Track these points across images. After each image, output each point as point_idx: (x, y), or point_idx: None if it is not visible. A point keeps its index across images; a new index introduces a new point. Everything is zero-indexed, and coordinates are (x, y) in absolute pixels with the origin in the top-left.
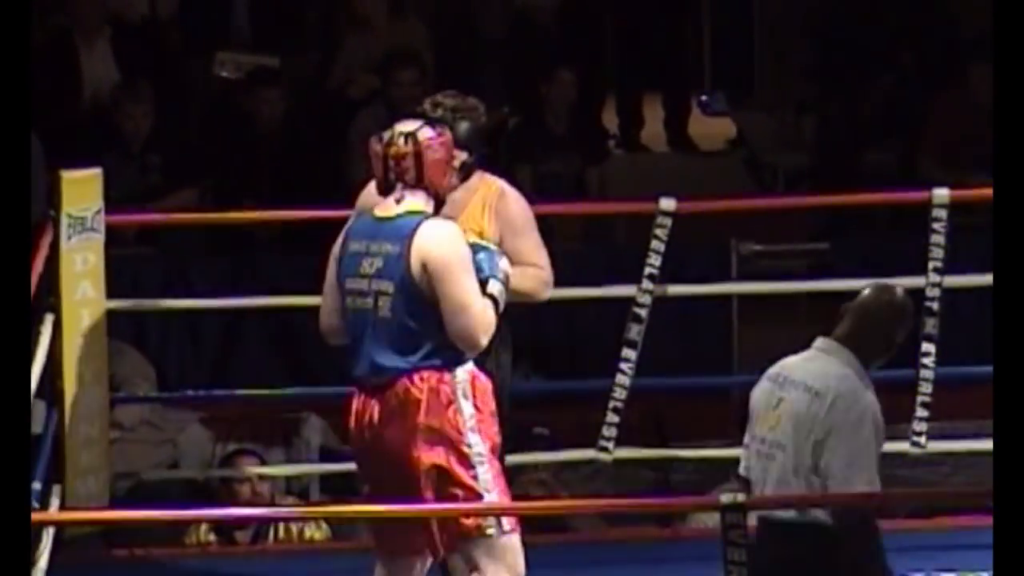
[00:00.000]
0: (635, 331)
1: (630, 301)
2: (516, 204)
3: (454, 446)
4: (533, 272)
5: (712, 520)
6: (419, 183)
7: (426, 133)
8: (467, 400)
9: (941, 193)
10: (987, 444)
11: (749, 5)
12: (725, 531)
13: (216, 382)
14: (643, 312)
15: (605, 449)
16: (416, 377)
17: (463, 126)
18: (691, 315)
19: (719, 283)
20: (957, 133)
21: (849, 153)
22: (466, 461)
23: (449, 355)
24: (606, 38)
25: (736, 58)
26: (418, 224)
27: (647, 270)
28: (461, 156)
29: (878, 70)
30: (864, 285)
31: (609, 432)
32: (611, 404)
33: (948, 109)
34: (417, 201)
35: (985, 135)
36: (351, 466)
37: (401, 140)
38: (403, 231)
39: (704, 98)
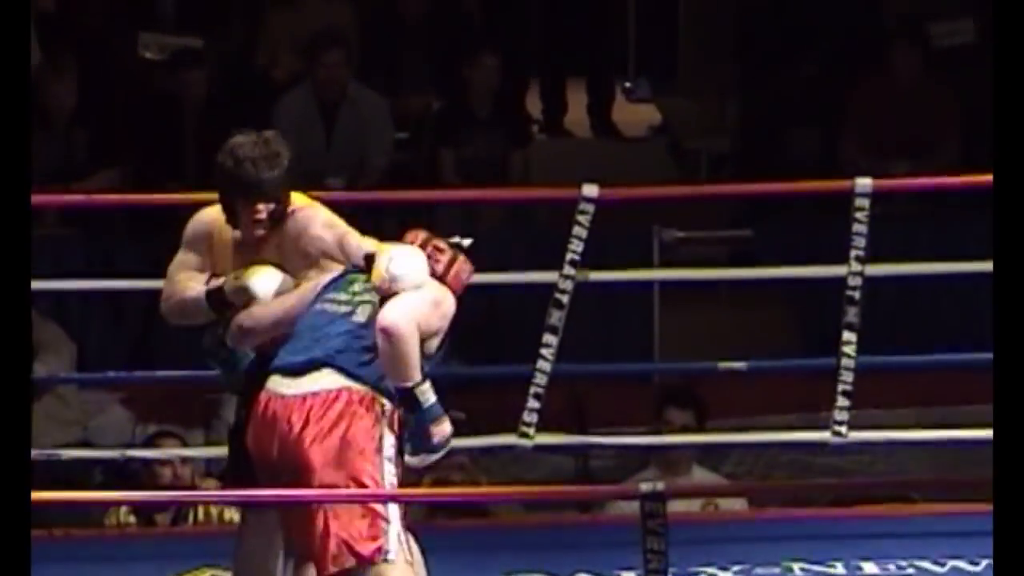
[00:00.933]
0: (556, 317)
1: (552, 286)
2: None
3: None
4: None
5: (631, 507)
6: None
7: None
8: None
9: (864, 182)
10: (908, 433)
11: None
12: (644, 520)
13: (137, 363)
14: (564, 298)
15: (525, 435)
16: None
17: (272, 176)
18: (613, 301)
19: (641, 269)
20: (879, 119)
21: (772, 139)
22: None
23: None
24: (530, 23)
25: (660, 44)
26: None
27: (569, 256)
28: (268, 208)
29: (801, 56)
30: (786, 272)
31: (529, 418)
32: (531, 390)
33: (870, 95)
34: None
35: (907, 121)
36: None
37: None
38: None
39: (628, 84)
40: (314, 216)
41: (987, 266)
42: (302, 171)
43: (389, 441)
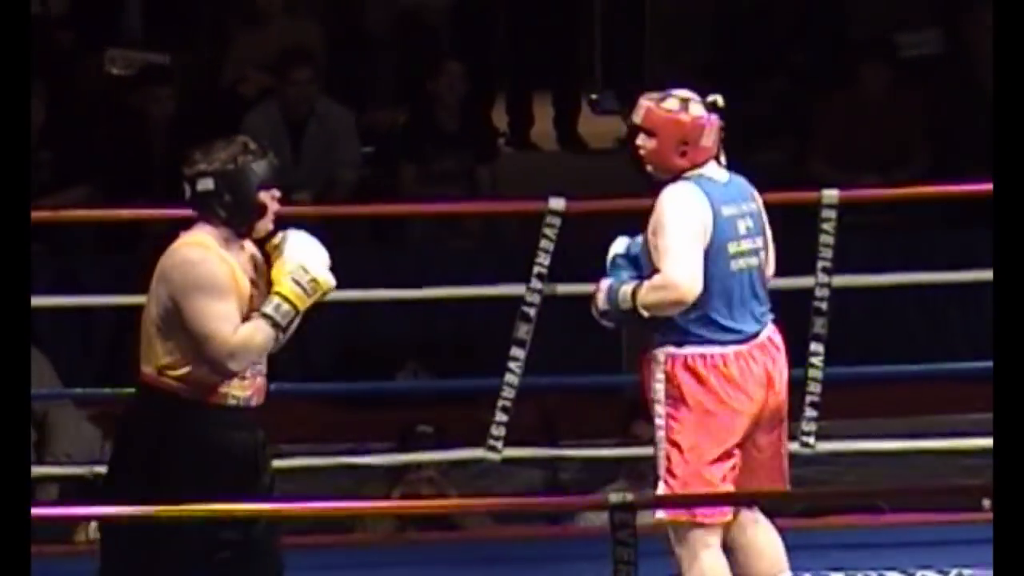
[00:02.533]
0: (524, 330)
1: (520, 300)
2: None
3: None
4: None
5: (600, 519)
6: None
7: None
8: None
9: (831, 193)
10: (876, 444)
11: (641, 3)
12: (614, 530)
13: (106, 380)
14: (532, 311)
15: (494, 448)
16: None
17: (261, 164)
18: (580, 314)
19: None
20: (847, 133)
21: (740, 152)
22: None
23: None
24: (496, 36)
25: (627, 56)
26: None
27: (536, 269)
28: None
29: (769, 70)
30: None
31: (498, 431)
32: (500, 403)
33: (839, 109)
34: None
35: (875, 135)
36: None
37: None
38: (746, 190)
39: (594, 96)
40: None
41: (957, 276)
42: None
43: None
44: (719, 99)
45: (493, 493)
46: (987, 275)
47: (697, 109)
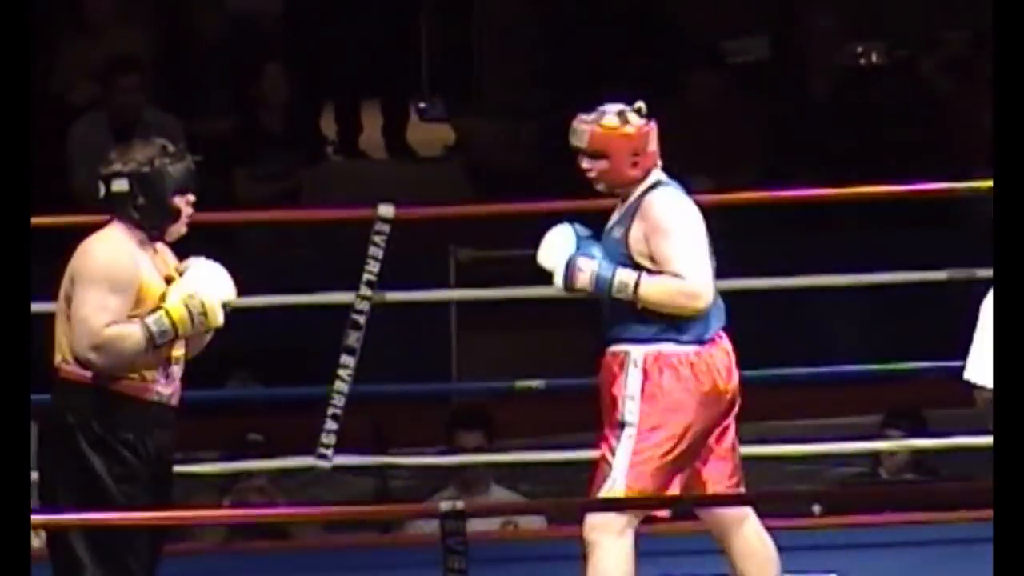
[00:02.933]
0: (354, 338)
1: (350, 308)
2: None
3: None
4: None
5: (431, 526)
6: None
7: None
8: None
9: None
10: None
11: (469, 10)
12: (444, 538)
13: None
14: (362, 319)
15: (324, 456)
16: None
17: (178, 168)
18: (410, 322)
19: (438, 289)
20: (680, 139)
21: (569, 159)
22: None
23: None
24: (325, 44)
25: (455, 64)
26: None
27: (366, 276)
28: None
29: (600, 76)
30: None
31: (328, 439)
32: (330, 411)
33: (670, 115)
34: None
35: (706, 141)
36: None
37: None
38: None
39: (422, 104)
40: None
41: (793, 282)
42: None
43: None
44: (643, 106)
45: (323, 501)
46: (817, 280)
47: (635, 118)
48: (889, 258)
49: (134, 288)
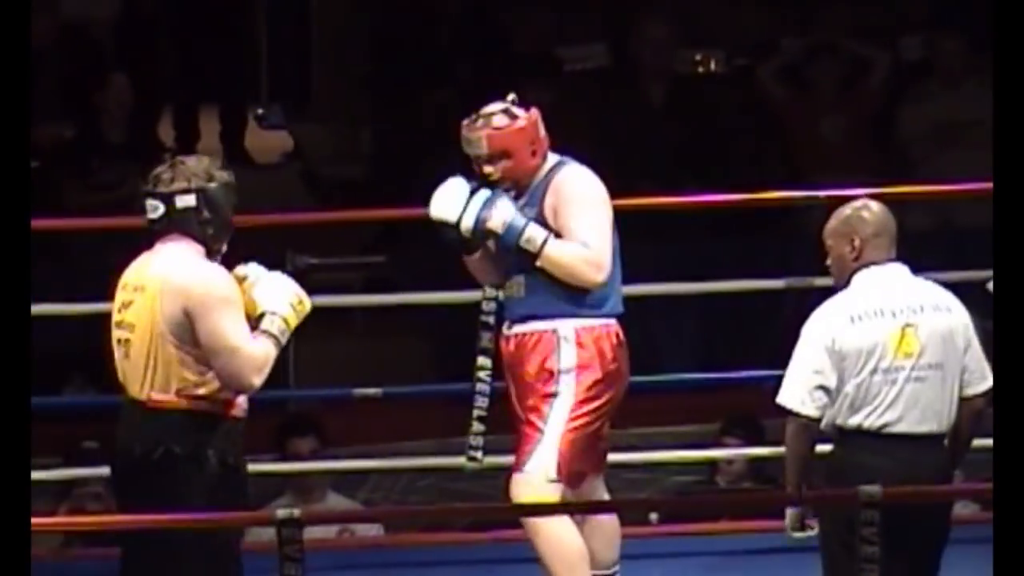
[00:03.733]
0: None
1: None
2: None
3: None
4: None
5: (268, 533)
6: None
7: None
8: None
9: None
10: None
11: (307, 18)
12: (281, 545)
13: None
14: None
15: None
16: None
17: (232, 181)
18: None
19: None
20: None
21: (406, 166)
22: None
23: None
24: (161, 50)
25: (293, 71)
26: None
27: None
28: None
29: (434, 83)
30: (421, 299)
31: None
32: None
33: None
34: None
35: None
36: None
37: None
38: None
39: (260, 111)
40: None
41: (630, 290)
42: None
43: None
44: (515, 96)
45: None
46: (654, 288)
47: (519, 111)
48: (725, 266)
49: (240, 299)
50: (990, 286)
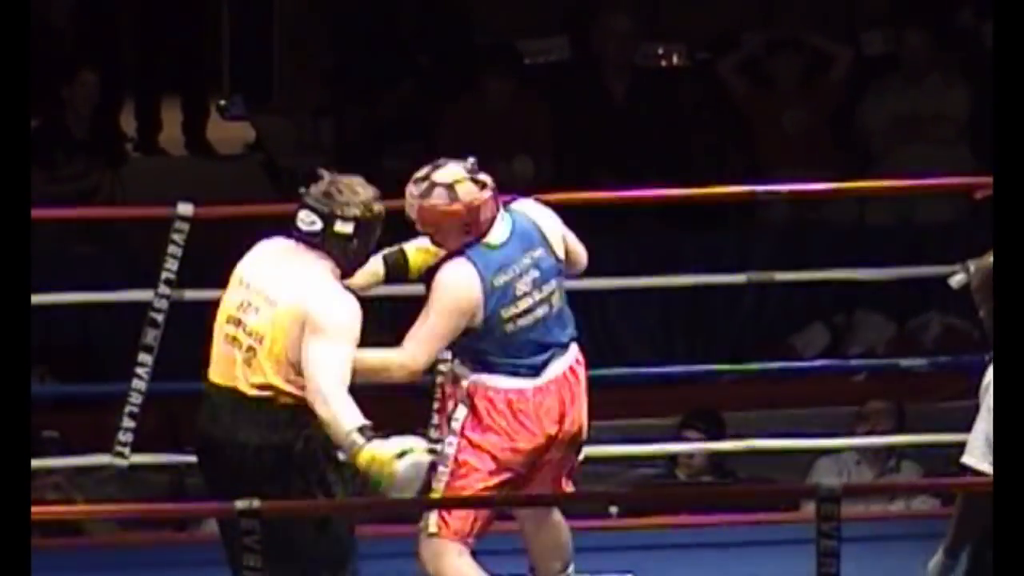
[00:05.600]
0: (152, 336)
1: (147, 306)
2: None
3: None
4: None
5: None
6: None
7: None
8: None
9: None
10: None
11: (269, 9)
12: (242, 536)
13: None
14: (160, 317)
15: (120, 454)
16: None
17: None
18: (207, 320)
19: None
20: (474, 139)
21: (368, 158)
22: None
23: None
24: (124, 40)
25: (255, 62)
26: None
27: (164, 275)
28: None
29: (395, 75)
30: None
31: (125, 437)
32: (127, 409)
33: (464, 115)
34: None
35: (501, 141)
36: None
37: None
38: (528, 236)
39: (222, 102)
40: None
41: (590, 284)
42: None
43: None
44: (474, 160)
45: (119, 499)
46: (614, 282)
47: (466, 189)
48: (686, 260)
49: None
50: (951, 281)
